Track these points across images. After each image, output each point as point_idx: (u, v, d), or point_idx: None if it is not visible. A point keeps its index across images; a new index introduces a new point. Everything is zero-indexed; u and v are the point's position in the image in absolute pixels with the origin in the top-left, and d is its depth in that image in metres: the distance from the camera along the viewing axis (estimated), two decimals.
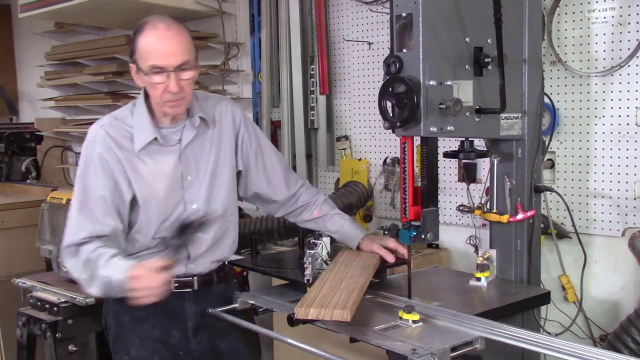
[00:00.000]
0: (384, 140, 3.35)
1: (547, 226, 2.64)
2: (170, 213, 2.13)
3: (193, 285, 2.20)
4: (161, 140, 2.11)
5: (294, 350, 1.93)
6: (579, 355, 1.65)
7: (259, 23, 3.72)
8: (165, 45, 2.00)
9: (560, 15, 2.69)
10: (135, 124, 2.12)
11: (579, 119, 2.68)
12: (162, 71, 1.99)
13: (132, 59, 2.07)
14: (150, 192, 2.11)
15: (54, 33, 5.08)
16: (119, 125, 2.12)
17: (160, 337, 2.18)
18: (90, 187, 2.07)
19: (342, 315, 1.78)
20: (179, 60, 2.00)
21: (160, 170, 2.12)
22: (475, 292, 2.27)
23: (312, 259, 2.13)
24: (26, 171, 4.90)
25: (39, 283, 2.89)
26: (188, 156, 2.15)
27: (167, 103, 2.05)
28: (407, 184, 2.04)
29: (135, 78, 2.09)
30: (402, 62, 1.94)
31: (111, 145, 2.08)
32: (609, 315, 2.67)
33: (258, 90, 3.78)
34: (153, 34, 2.01)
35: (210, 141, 2.19)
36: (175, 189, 2.14)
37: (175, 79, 2.00)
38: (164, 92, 2.02)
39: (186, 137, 2.15)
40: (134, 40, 2.05)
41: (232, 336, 2.28)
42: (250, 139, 2.30)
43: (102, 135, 2.09)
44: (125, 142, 2.10)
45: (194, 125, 2.15)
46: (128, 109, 2.16)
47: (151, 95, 2.08)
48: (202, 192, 2.17)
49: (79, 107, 4.94)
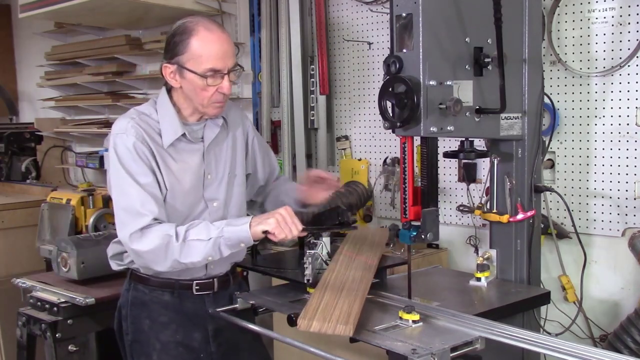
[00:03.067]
0: (384, 140, 3.35)
1: (547, 226, 2.64)
2: (190, 211, 2.14)
3: (214, 287, 2.21)
4: (189, 136, 2.12)
5: (294, 350, 1.93)
6: (579, 355, 1.65)
7: (259, 23, 3.72)
8: (224, 47, 2.03)
9: (560, 15, 2.69)
10: (162, 119, 2.11)
11: (579, 119, 2.68)
12: (217, 73, 2.02)
13: (172, 60, 2.05)
14: (178, 187, 2.11)
15: (54, 33, 5.08)
16: (147, 120, 2.10)
17: (182, 341, 2.17)
18: (139, 175, 2.03)
19: (344, 331, 1.78)
20: (233, 62, 2.06)
21: (187, 167, 2.13)
22: (475, 292, 2.27)
23: (312, 259, 2.14)
24: (26, 171, 4.90)
25: (39, 283, 2.89)
26: (210, 155, 2.18)
27: (214, 104, 2.07)
28: (407, 184, 2.04)
29: (169, 78, 2.08)
30: (402, 62, 1.93)
31: (144, 136, 2.06)
32: (609, 315, 2.67)
33: (258, 90, 3.78)
34: (210, 37, 2.02)
35: (227, 142, 2.23)
36: (197, 187, 2.15)
37: (229, 81, 2.05)
38: (216, 94, 2.05)
39: (209, 136, 2.17)
40: (178, 41, 2.03)
41: (251, 337, 2.29)
42: (259, 144, 2.37)
43: (133, 127, 2.06)
44: (155, 136, 2.09)
45: (217, 125, 2.18)
46: (150, 106, 2.16)
47: (196, 97, 2.07)
48: (222, 191, 2.19)
49: (79, 107, 4.94)
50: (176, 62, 2.05)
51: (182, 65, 2.03)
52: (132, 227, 1.99)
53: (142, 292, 2.19)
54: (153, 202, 2.02)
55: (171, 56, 2.06)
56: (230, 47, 2.06)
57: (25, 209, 4.10)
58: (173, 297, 2.18)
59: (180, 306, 2.18)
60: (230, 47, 2.06)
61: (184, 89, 2.08)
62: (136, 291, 2.20)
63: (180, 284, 2.17)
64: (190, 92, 2.07)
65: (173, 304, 2.18)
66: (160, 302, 2.18)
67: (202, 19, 2.07)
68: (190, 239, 1.97)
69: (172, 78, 2.08)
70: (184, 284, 2.18)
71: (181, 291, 2.18)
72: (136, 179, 2.02)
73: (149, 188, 2.03)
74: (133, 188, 2.02)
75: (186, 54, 2.02)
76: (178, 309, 2.18)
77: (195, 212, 2.15)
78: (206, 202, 2.17)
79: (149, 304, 2.18)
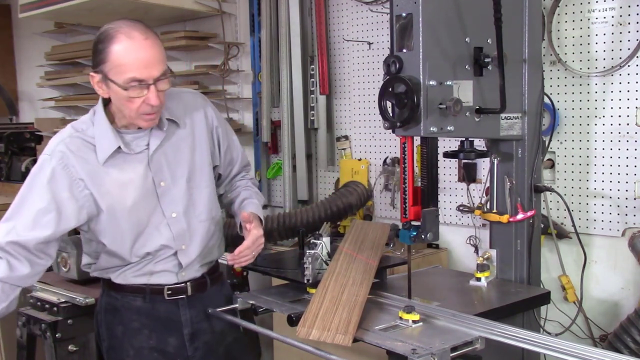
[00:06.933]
0: (384, 140, 3.35)
1: (547, 226, 2.64)
2: (145, 225, 2.03)
3: (187, 291, 2.13)
4: (125, 149, 1.98)
5: (294, 350, 1.93)
6: (579, 355, 1.65)
7: (259, 23, 3.72)
8: (146, 56, 1.86)
9: (560, 15, 2.69)
10: (97, 134, 1.98)
11: (579, 119, 2.68)
12: (141, 84, 1.86)
13: (96, 69, 1.90)
14: (119, 204, 1.99)
15: (54, 33, 5.08)
16: (79, 138, 1.98)
17: (156, 346, 2.12)
18: (29, 201, 1.94)
19: (343, 340, 1.78)
20: (160, 71, 1.88)
21: (128, 179, 2.00)
22: (475, 292, 2.27)
23: (312, 259, 2.13)
24: (26, 171, 4.90)
25: (39, 283, 2.88)
26: (159, 161, 2.03)
27: (143, 116, 1.93)
28: (407, 184, 2.04)
29: (97, 88, 1.93)
30: (402, 62, 1.93)
31: (73, 161, 1.95)
32: (609, 315, 2.67)
33: (258, 90, 3.78)
34: (130, 44, 1.85)
35: (183, 142, 2.09)
36: (148, 198, 2.02)
37: (155, 92, 1.88)
38: (143, 105, 1.90)
39: (154, 142, 2.02)
40: (100, 49, 1.88)
41: (230, 339, 2.25)
42: (224, 134, 2.21)
43: (61, 151, 1.95)
44: (88, 155, 1.97)
45: (162, 129, 2.03)
46: (88, 119, 2.03)
47: (124, 108, 1.93)
48: (181, 197, 2.07)
49: (79, 107, 4.94)
50: (100, 71, 1.89)
51: (105, 74, 1.88)
52: None
53: (114, 298, 2.13)
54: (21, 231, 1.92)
55: (95, 64, 1.91)
56: (156, 54, 1.88)
57: None
58: (145, 303, 2.11)
59: (153, 311, 2.11)
60: (156, 53, 1.88)
61: (112, 99, 1.94)
62: (109, 297, 2.15)
63: (151, 289, 2.10)
64: (117, 102, 1.93)
65: (145, 309, 2.11)
66: (132, 307, 2.11)
67: (125, 23, 1.89)
68: None
69: (99, 88, 1.93)
70: (154, 289, 2.10)
71: (152, 296, 2.10)
72: (22, 206, 1.95)
73: (35, 216, 1.93)
74: (18, 206, 1.96)
75: (108, 62, 1.86)
76: (150, 314, 2.11)
77: (152, 225, 2.04)
78: (164, 212, 2.04)
79: (121, 310, 2.12)
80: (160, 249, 2.07)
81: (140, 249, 2.05)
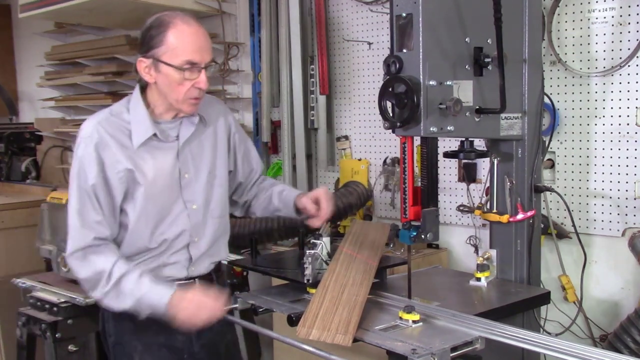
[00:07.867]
0: (384, 140, 3.35)
1: (547, 226, 2.64)
2: (167, 212, 2.09)
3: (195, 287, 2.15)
4: (160, 136, 2.06)
5: (294, 350, 1.93)
6: (579, 355, 1.65)
7: (259, 23, 3.72)
8: (201, 41, 1.99)
9: (560, 15, 2.69)
10: (133, 119, 2.06)
11: (579, 119, 2.68)
12: (194, 67, 1.97)
13: (147, 54, 1.99)
14: (151, 186, 2.06)
15: (54, 33, 5.08)
16: (115, 121, 2.05)
17: (165, 342, 2.14)
18: (88, 188, 2.01)
19: (343, 341, 1.78)
20: (211, 57, 2.02)
21: (159, 167, 2.07)
22: (475, 292, 2.27)
23: (312, 259, 2.13)
24: (26, 171, 4.90)
25: (39, 283, 2.89)
26: (186, 154, 2.11)
27: (189, 100, 2.02)
28: (407, 184, 2.04)
29: (144, 73, 2.02)
30: (402, 62, 1.94)
31: (109, 142, 2.02)
32: (609, 315, 2.67)
33: (258, 90, 3.78)
34: (187, 28, 1.98)
35: (207, 140, 2.17)
36: (173, 187, 2.09)
37: (205, 76, 2.00)
38: (191, 89, 2.00)
39: (184, 134, 2.10)
40: (154, 34, 1.98)
41: (228, 337, 2.28)
42: (239, 140, 2.29)
43: (99, 132, 2.02)
44: (124, 139, 2.04)
45: (193, 123, 2.12)
46: (123, 105, 2.10)
47: (171, 92, 2.01)
48: (201, 191, 2.14)
49: (79, 107, 4.94)
50: (151, 56, 1.98)
51: (158, 58, 1.97)
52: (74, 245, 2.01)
53: None
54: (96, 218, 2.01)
55: (146, 50, 1.99)
56: (207, 42, 2.01)
57: (25, 209, 4.09)
58: None
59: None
60: (207, 42, 2.02)
61: (158, 84, 2.02)
62: None
63: None
64: (166, 87, 2.01)
65: None
66: None
67: (179, 13, 2.01)
68: (122, 287, 1.98)
69: (146, 73, 2.01)
70: None
71: None
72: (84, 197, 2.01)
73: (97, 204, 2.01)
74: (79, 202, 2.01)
75: (162, 46, 1.96)
76: None
77: (173, 214, 2.10)
78: (185, 203, 2.11)
79: None
80: (177, 235, 2.11)
81: (160, 235, 2.10)
